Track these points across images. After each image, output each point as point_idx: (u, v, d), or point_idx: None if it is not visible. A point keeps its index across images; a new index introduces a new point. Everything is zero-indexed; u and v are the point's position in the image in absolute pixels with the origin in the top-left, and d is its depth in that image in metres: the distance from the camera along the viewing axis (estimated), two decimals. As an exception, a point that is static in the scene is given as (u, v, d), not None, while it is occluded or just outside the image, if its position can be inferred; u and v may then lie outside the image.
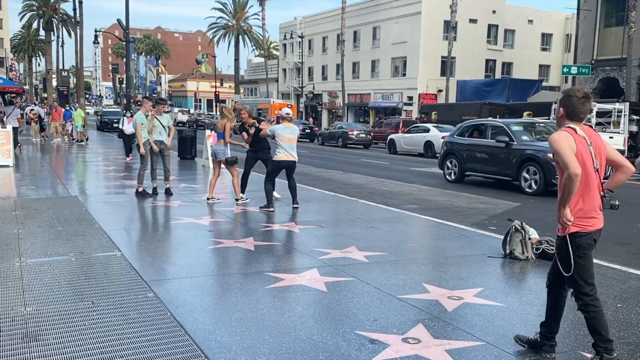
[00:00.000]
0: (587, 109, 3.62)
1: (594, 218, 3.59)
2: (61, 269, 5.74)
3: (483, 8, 47.82)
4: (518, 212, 10.58)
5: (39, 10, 66.86)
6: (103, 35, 59.16)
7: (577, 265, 3.57)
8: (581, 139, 3.53)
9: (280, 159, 9.37)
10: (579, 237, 3.55)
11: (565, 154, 3.41)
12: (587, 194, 3.54)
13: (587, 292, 3.60)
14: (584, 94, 3.59)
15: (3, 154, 15.29)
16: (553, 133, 3.60)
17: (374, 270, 5.96)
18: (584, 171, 3.46)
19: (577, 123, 3.61)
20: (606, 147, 3.66)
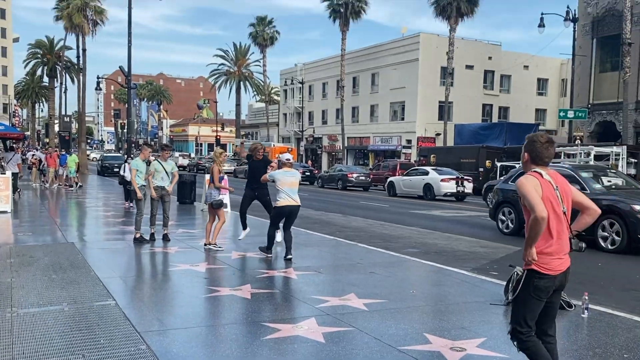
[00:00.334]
0: (551, 153, 3.71)
1: (559, 259, 3.62)
2: (53, 319, 5.60)
3: (479, 55, 48.71)
4: (519, 257, 10.41)
5: (44, 58, 68.12)
6: (106, 81, 59.99)
7: (527, 303, 3.62)
8: (547, 183, 3.60)
9: (282, 205, 8.95)
10: (538, 278, 3.59)
11: (531, 197, 3.48)
12: (554, 238, 3.59)
13: (522, 332, 3.66)
14: (547, 139, 3.70)
15: (1, 199, 15.23)
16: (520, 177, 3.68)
17: (373, 319, 5.81)
18: (553, 214, 3.53)
19: (543, 167, 3.70)
20: (572, 190, 3.75)
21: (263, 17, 63.82)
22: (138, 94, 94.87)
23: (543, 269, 3.57)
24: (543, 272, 3.57)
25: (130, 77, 23.70)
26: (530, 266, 3.59)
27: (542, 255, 3.58)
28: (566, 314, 6.18)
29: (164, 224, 10.86)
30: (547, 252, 3.58)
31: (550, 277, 3.58)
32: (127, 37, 23.44)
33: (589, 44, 35.15)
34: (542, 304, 3.66)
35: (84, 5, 42.20)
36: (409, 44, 47.87)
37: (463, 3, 41.93)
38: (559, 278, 3.63)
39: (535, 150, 3.70)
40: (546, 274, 3.57)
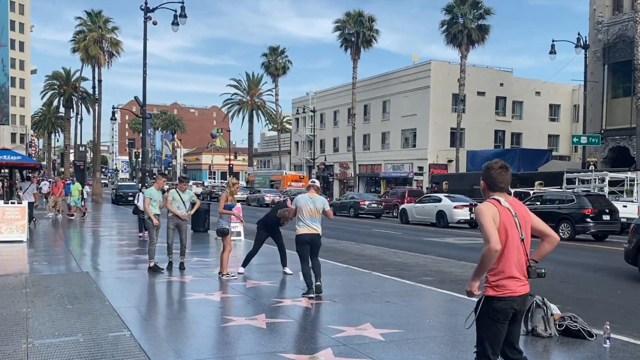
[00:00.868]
0: (506, 178, 3.74)
1: (516, 286, 3.63)
2: (68, 350, 5.58)
3: (490, 81, 48.86)
4: (535, 285, 10.22)
5: (60, 89, 69.44)
6: (120, 111, 60.95)
7: (489, 329, 3.63)
8: (505, 210, 3.63)
9: (301, 233, 8.30)
10: (496, 301, 3.60)
11: (488, 227, 3.52)
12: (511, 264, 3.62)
13: (488, 356, 3.65)
14: (501, 165, 3.76)
15: (18, 229, 15.36)
16: (480, 204, 3.71)
17: (390, 350, 5.73)
18: (511, 240, 3.59)
19: (501, 194, 3.73)
20: (531, 218, 3.78)
21: (275, 47, 64.74)
22: (152, 123, 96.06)
23: (500, 293, 3.59)
24: (500, 295, 3.59)
25: (145, 107, 24.01)
26: (487, 291, 3.63)
27: (501, 280, 3.60)
28: (587, 343, 6.06)
29: (181, 253, 10.87)
30: (505, 277, 3.61)
31: (507, 300, 3.60)
32: (143, 68, 23.83)
33: (601, 70, 35.19)
34: (504, 328, 3.65)
35: (100, 37, 43.10)
36: (420, 72, 48.17)
37: (474, 31, 42.27)
38: (517, 302, 3.64)
39: (491, 177, 3.74)
40: (503, 297, 3.59)
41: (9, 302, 7.73)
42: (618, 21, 34.27)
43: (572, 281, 11.06)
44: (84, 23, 45.69)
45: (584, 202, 19.82)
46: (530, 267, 3.70)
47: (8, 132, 79.20)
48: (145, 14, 23.63)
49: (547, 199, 21.72)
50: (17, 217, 15.39)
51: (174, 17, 23.48)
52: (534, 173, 32.43)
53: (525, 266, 3.68)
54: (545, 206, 21.15)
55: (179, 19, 23.41)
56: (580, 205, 19.75)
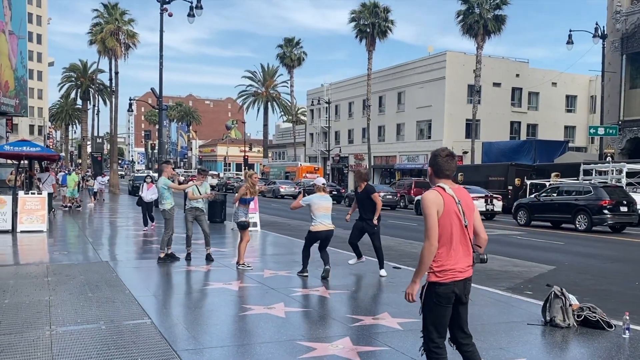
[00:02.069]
0: (452, 166, 3.86)
1: (458, 272, 3.74)
2: (91, 337, 5.68)
3: (506, 72, 48.41)
4: (553, 276, 10.27)
5: (77, 81, 69.97)
6: (137, 103, 61.29)
7: (433, 313, 3.74)
8: (449, 197, 3.74)
9: (318, 230, 8.97)
10: (438, 286, 3.71)
11: (430, 222, 3.65)
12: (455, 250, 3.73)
13: (433, 339, 3.76)
14: (448, 152, 3.90)
15: (38, 219, 15.59)
16: (425, 192, 3.82)
17: (408, 338, 5.76)
18: (455, 227, 3.71)
19: (446, 181, 3.85)
20: (475, 208, 3.92)
21: (290, 39, 64.64)
22: (168, 115, 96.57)
23: (443, 278, 3.69)
24: (442, 281, 3.69)
25: (161, 99, 24.15)
26: (430, 278, 3.74)
27: (443, 266, 3.71)
28: (606, 334, 6.04)
29: (206, 243, 10.92)
30: (448, 262, 3.72)
31: (449, 285, 3.71)
32: (159, 60, 23.96)
33: (619, 60, 34.69)
34: (448, 311, 3.77)
35: (116, 29, 43.33)
36: (436, 62, 47.86)
37: (490, 21, 41.86)
38: (458, 286, 3.74)
39: (437, 164, 3.87)
40: (445, 282, 3.70)
41: (32, 290, 7.88)
42: (636, 10, 33.72)
43: (590, 272, 11.00)
44: (101, 15, 45.97)
45: (601, 193, 19.64)
46: (474, 253, 3.83)
47: (26, 124, 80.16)
48: (161, 5, 23.72)
49: (564, 190, 21.55)
50: (37, 207, 15.62)
51: (189, 9, 23.57)
52: (551, 164, 32.16)
53: (470, 251, 3.81)
54: (562, 198, 20.99)
55: (195, 11, 23.47)
56: (597, 197, 19.58)
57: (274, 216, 24.14)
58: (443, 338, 3.79)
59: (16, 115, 33.10)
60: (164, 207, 10.74)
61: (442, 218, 3.69)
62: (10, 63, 25.14)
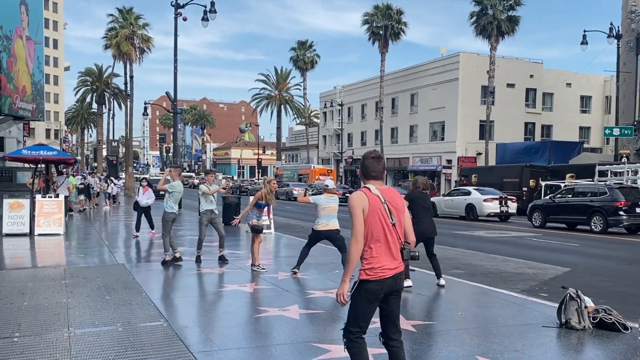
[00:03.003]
0: (380, 168, 4.01)
1: (388, 269, 3.84)
2: (109, 339, 5.76)
3: (520, 73, 48.11)
4: (568, 278, 10.21)
5: (93, 85, 70.73)
6: (152, 106, 61.86)
7: (359, 306, 3.86)
8: (375, 197, 3.87)
9: (320, 229, 9.36)
10: (367, 283, 3.81)
11: (356, 223, 3.79)
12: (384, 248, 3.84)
13: (352, 331, 3.90)
14: (375, 155, 4.06)
15: (55, 222, 15.78)
16: (353, 193, 3.97)
17: (423, 341, 5.77)
18: (382, 226, 3.82)
19: (374, 182, 3.98)
20: (405, 209, 4.05)
21: (304, 42, 64.83)
22: (182, 118, 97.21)
23: (373, 276, 3.80)
24: (372, 278, 3.80)
25: (176, 103, 24.34)
26: (361, 275, 3.85)
27: (373, 263, 3.81)
28: (622, 336, 6.01)
29: (220, 245, 11.03)
30: (377, 260, 3.82)
31: (378, 282, 3.80)
32: (173, 64, 24.16)
33: (634, 60, 34.36)
34: (373, 307, 3.88)
35: (131, 34, 43.74)
36: (449, 64, 47.70)
37: (504, 22, 41.67)
38: (388, 283, 3.83)
39: (366, 165, 4.02)
40: (374, 279, 3.80)
41: (50, 293, 7.99)
42: (653, 10, 33.36)
43: (606, 274, 10.92)
44: (116, 20, 46.45)
45: (616, 194, 19.46)
46: (404, 249, 3.94)
47: (43, 128, 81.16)
48: (175, 10, 23.94)
49: (579, 191, 21.38)
50: (54, 210, 15.82)
51: (203, 13, 23.74)
52: (565, 165, 31.89)
53: (399, 248, 3.92)
54: (577, 199, 20.82)
55: (209, 15, 23.65)
56: (612, 198, 19.40)
57: (287, 218, 24.21)
58: (363, 332, 3.94)
59: (33, 120, 33.49)
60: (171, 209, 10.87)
61: (369, 217, 3.82)
62: (27, 68, 25.48)
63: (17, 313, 6.78)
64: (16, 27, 23.66)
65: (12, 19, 23.25)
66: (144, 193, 16.43)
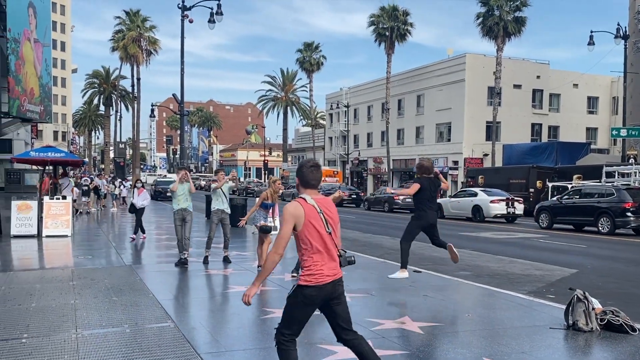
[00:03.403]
0: (317, 176, 4.05)
1: (326, 275, 3.91)
2: (116, 340, 5.79)
3: (527, 74, 47.96)
4: (576, 279, 10.17)
5: (100, 87, 71.09)
6: (158, 108, 62.06)
7: (294, 307, 3.94)
8: (310, 207, 3.94)
9: None
10: (306, 288, 3.89)
11: (282, 232, 3.90)
12: (322, 256, 3.92)
13: (284, 333, 3.99)
14: (313, 163, 4.10)
15: (62, 224, 15.87)
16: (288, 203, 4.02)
17: (430, 343, 5.77)
18: (319, 235, 3.89)
19: (311, 191, 4.04)
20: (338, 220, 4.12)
21: (310, 43, 64.87)
22: (189, 120, 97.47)
23: (310, 282, 3.88)
24: (310, 284, 3.88)
25: (182, 105, 24.43)
26: (300, 281, 3.93)
27: (312, 270, 3.89)
28: (630, 338, 5.98)
29: (225, 246, 11.10)
30: (316, 267, 3.90)
31: (316, 288, 3.88)
32: (180, 66, 24.24)
33: (642, 60, 34.19)
34: (308, 312, 3.97)
35: (138, 36, 43.97)
36: (455, 65, 47.61)
37: (510, 23, 41.55)
38: (326, 289, 3.91)
39: (303, 174, 4.05)
40: (313, 285, 3.88)
41: (58, 294, 8.04)
42: (661, 10, 33.20)
43: (614, 276, 10.87)
44: (123, 22, 46.73)
45: (624, 195, 19.38)
46: (341, 256, 4.03)
47: (50, 130, 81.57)
48: (182, 12, 24.02)
49: (586, 192, 21.30)
50: (61, 212, 15.91)
51: (210, 15, 23.83)
52: (573, 167, 31.76)
53: (336, 256, 4.00)
54: (585, 200, 20.74)
55: (215, 17, 23.73)
56: (620, 199, 19.32)
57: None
58: (295, 335, 4.02)
59: (41, 122, 33.73)
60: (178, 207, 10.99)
61: (306, 227, 3.89)
62: (35, 70, 25.65)
63: (25, 314, 6.83)
64: (24, 30, 23.82)
65: (21, 22, 23.42)
66: (139, 194, 16.13)
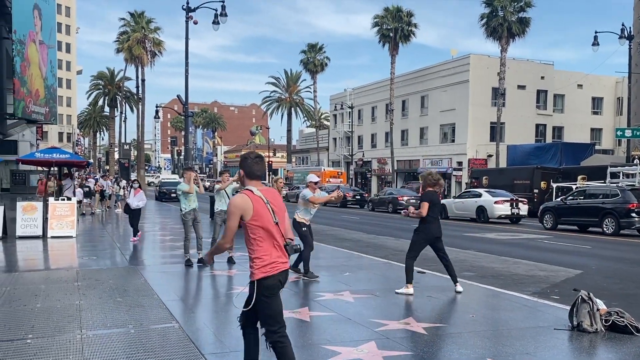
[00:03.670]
0: (262, 167, 4.20)
1: (279, 263, 4.07)
2: (120, 341, 5.81)
3: (531, 74, 47.88)
4: (580, 280, 10.14)
5: (105, 89, 71.26)
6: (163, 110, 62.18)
7: (266, 304, 4.03)
8: (258, 199, 4.04)
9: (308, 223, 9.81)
10: (265, 280, 4.01)
11: (229, 223, 4.06)
12: (272, 246, 4.06)
13: (275, 330, 4.04)
14: (256, 155, 4.25)
15: (68, 225, 15.92)
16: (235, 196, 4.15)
17: (434, 343, 5.77)
18: (267, 226, 4.01)
19: (256, 182, 4.16)
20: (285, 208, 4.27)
21: (314, 44, 64.95)
22: (193, 121, 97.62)
23: (267, 273, 4.01)
24: (269, 274, 4.01)
25: (187, 106, 24.48)
26: (257, 276, 4.03)
27: (265, 261, 4.02)
28: (635, 339, 5.97)
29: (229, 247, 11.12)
30: (268, 257, 4.03)
31: (275, 276, 4.03)
32: (185, 67, 24.30)
33: (647, 60, 34.07)
34: (279, 299, 4.10)
35: (143, 37, 44.09)
36: (459, 66, 47.57)
37: (514, 24, 41.47)
38: (282, 276, 4.10)
39: (248, 165, 4.17)
40: (271, 275, 4.02)
41: (63, 295, 8.06)
42: (666, 10, 33.10)
43: (618, 277, 10.84)
44: (128, 24, 46.86)
45: (628, 196, 19.33)
46: (287, 245, 4.14)
47: (56, 132, 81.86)
48: (186, 13, 24.08)
49: (591, 193, 21.24)
50: (67, 213, 15.96)
51: (214, 16, 23.88)
52: (577, 167, 31.68)
53: (282, 245, 4.11)
54: (589, 201, 20.68)
55: (220, 18, 23.78)
56: (624, 200, 19.27)
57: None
58: (284, 326, 4.08)
59: (46, 123, 33.84)
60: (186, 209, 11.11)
61: (255, 218, 3.99)
62: (40, 72, 25.75)
63: (30, 315, 6.85)
64: (29, 31, 23.92)
65: (26, 24, 23.52)
66: (135, 195, 15.66)
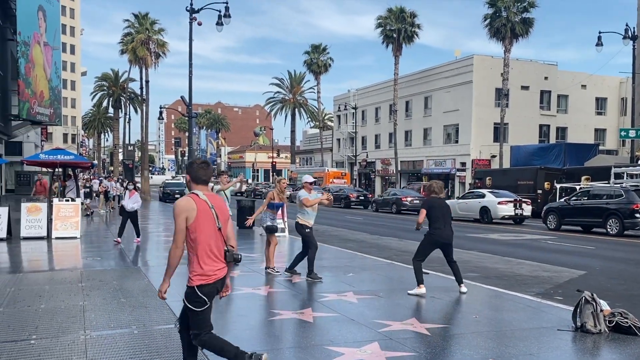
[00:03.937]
0: (207, 173, 4.24)
1: (218, 270, 4.15)
2: (124, 342, 5.82)
3: (534, 75, 47.80)
4: (584, 281, 10.12)
5: (109, 90, 71.47)
6: (167, 111, 62.38)
7: (201, 311, 4.13)
8: (203, 202, 4.11)
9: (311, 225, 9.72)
10: (203, 287, 4.10)
11: (177, 227, 4.07)
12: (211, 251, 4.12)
13: (206, 330, 4.20)
14: (202, 161, 4.33)
15: (72, 225, 15.97)
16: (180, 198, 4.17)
17: (437, 344, 5.77)
18: (209, 230, 4.08)
19: (202, 187, 4.21)
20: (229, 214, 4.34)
21: (317, 45, 64.95)
22: (197, 122, 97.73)
23: (207, 279, 4.08)
24: (208, 282, 4.08)
25: (191, 107, 24.52)
26: (195, 282, 4.11)
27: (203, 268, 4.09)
28: (639, 340, 5.95)
29: None
30: (207, 264, 4.10)
31: (210, 285, 4.11)
32: (188, 69, 24.34)
33: (651, 61, 33.87)
34: (210, 307, 4.19)
35: (147, 39, 44.14)
36: (463, 66, 47.52)
37: (518, 24, 41.41)
38: (218, 284, 4.18)
39: (194, 170, 4.22)
40: (210, 282, 4.09)
41: (67, 295, 8.09)
42: (671, 10, 32.95)
43: (622, 277, 10.81)
44: (132, 25, 46.91)
45: (632, 197, 19.27)
46: (227, 252, 4.20)
47: (60, 133, 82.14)
48: (190, 15, 24.12)
49: (595, 194, 21.18)
50: (71, 214, 16.01)
51: (218, 18, 23.92)
52: (581, 168, 31.59)
53: (222, 251, 4.18)
54: (593, 201, 20.63)
55: (223, 19, 23.82)
56: (629, 200, 19.21)
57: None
58: (210, 327, 4.24)
59: (51, 124, 33.96)
60: None
61: (198, 221, 4.04)
62: (45, 73, 25.85)
63: (35, 315, 6.88)
64: (34, 33, 24.02)
65: (30, 26, 23.61)
66: (130, 197, 15.22)
